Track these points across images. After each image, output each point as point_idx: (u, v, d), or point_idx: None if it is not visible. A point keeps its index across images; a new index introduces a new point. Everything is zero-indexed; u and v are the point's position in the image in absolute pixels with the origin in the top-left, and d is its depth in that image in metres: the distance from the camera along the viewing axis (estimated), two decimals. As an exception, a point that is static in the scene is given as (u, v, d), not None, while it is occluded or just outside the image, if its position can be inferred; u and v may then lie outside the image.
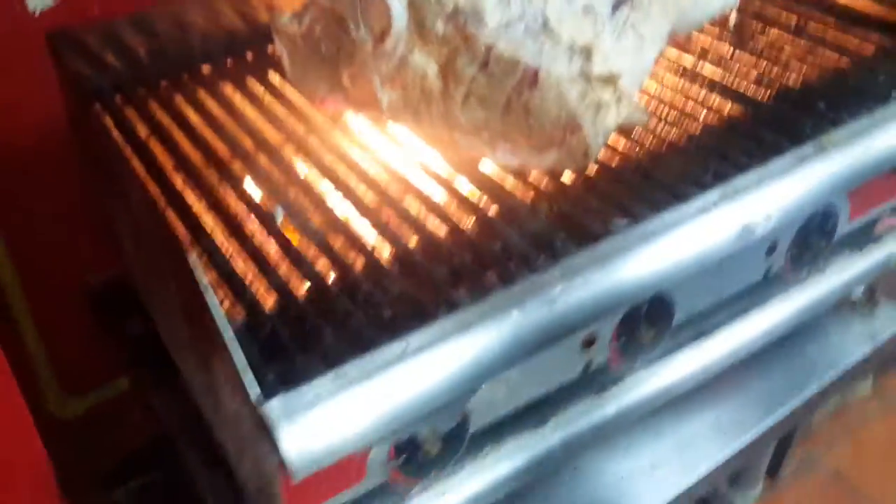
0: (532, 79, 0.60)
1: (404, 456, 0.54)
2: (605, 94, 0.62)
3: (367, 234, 0.57)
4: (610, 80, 0.62)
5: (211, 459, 0.66)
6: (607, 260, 0.54)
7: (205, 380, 0.57)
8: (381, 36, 0.62)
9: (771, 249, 0.68)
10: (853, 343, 0.83)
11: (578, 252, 0.54)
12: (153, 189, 0.62)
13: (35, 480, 0.69)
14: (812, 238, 0.71)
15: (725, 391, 0.76)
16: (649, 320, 0.63)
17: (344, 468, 0.51)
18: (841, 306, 0.87)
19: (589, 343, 0.60)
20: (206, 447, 0.67)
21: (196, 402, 0.66)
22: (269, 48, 0.77)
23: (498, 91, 0.61)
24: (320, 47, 0.68)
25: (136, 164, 0.64)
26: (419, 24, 0.61)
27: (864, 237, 0.77)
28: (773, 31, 0.83)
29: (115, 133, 0.68)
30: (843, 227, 0.74)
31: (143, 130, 0.69)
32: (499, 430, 0.59)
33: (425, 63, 0.63)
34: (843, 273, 0.77)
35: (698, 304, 0.66)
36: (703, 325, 0.68)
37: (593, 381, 0.63)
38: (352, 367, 0.46)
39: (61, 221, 0.95)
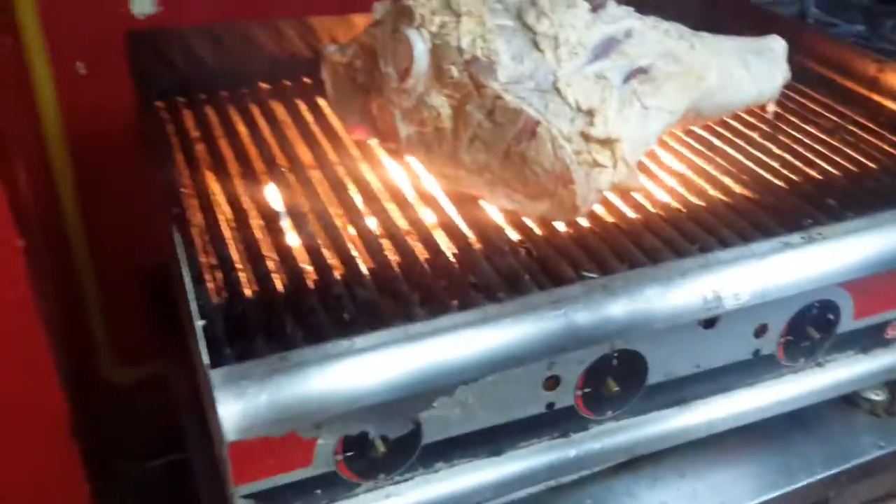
0: (531, 130, 0.64)
1: (352, 452, 0.57)
2: (602, 155, 0.65)
3: (357, 246, 0.62)
4: (608, 143, 0.65)
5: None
6: (566, 304, 0.56)
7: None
8: (405, 74, 0.68)
9: (760, 331, 0.69)
10: (856, 445, 0.81)
11: (541, 292, 0.57)
12: (186, 179, 0.69)
13: (52, 433, 0.75)
14: (808, 329, 0.71)
15: (709, 463, 0.75)
16: (619, 375, 0.64)
17: (291, 449, 0.54)
18: (857, 404, 0.85)
19: (552, 384, 0.62)
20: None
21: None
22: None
23: (500, 138, 0.65)
24: (357, 78, 0.75)
25: (178, 157, 0.72)
26: (438, 68, 0.67)
27: (871, 339, 0.76)
28: (809, 128, 0.84)
29: (169, 128, 0.76)
30: (847, 324, 0.73)
31: (192, 129, 0.77)
32: (452, 450, 0.61)
33: (441, 104, 0.68)
34: (844, 371, 0.75)
35: (676, 369, 0.67)
36: (683, 391, 0.69)
37: (558, 423, 0.65)
38: (296, 354, 0.50)
39: (127, 207, 1.05)
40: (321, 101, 0.83)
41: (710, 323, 0.65)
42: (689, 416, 0.68)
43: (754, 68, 0.80)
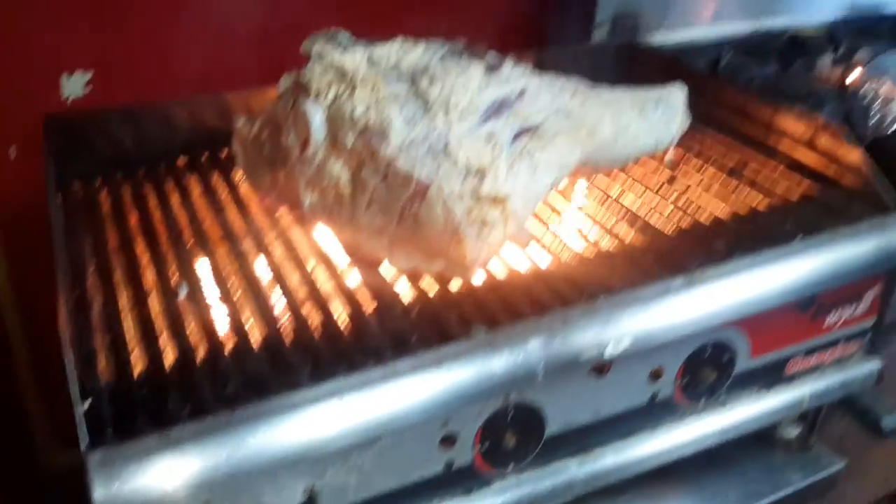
0: (423, 192, 0.67)
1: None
2: (493, 212, 0.68)
3: (250, 315, 0.64)
4: (498, 200, 0.68)
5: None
6: (450, 361, 0.58)
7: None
8: (304, 145, 0.71)
9: (655, 375, 0.71)
10: (773, 481, 0.82)
11: (427, 351, 0.59)
12: (90, 258, 0.71)
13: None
14: (705, 370, 0.73)
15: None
16: (517, 428, 0.66)
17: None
18: (772, 441, 0.87)
19: (449, 443, 0.63)
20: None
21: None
22: (235, 147, 0.87)
23: (394, 201, 0.68)
24: (265, 149, 0.78)
25: (86, 237, 0.74)
26: (334, 137, 0.70)
27: (772, 376, 0.78)
28: (709, 170, 0.87)
29: (81, 208, 0.78)
30: (745, 363, 0.75)
31: (105, 209, 0.79)
32: (353, 516, 0.62)
33: (339, 171, 0.71)
34: (748, 409, 0.77)
35: (574, 418, 0.68)
36: (584, 440, 0.70)
37: (459, 481, 0.66)
38: (175, 431, 0.51)
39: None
40: (236, 173, 0.86)
41: (601, 370, 0.67)
42: (593, 464, 0.70)
43: (651, 118, 0.84)
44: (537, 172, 0.70)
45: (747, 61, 1.21)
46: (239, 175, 0.85)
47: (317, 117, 0.70)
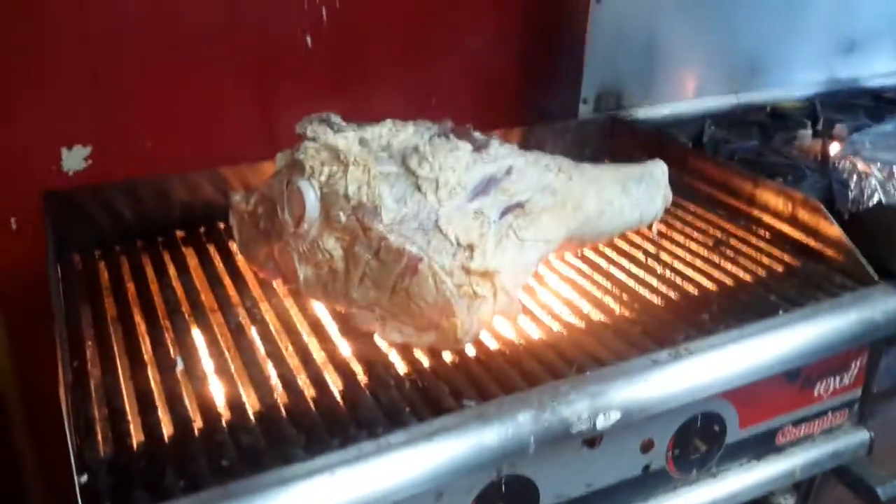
0: (414, 267, 0.69)
1: None
2: (482, 287, 0.69)
3: (247, 389, 0.65)
4: (487, 275, 0.70)
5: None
6: (441, 435, 0.59)
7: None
8: (299, 221, 0.73)
9: (647, 446, 0.71)
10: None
11: (419, 424, 0.60)
12: (89, 331, 0.72)
13: None
14: (695, 441, 0.73)
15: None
16: (510, 500, 0.66)
17: None
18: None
19: (443, 515, 0.64)
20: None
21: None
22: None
23: (386, 275, 0.70)
24: (260, 223, 0.80)
25: (85, 309, 0.75)
26: (328, 214, 0.72)
27: (762, 447, 0.79)
28: (691, 244, 0.90)
29: (80, 281, 0.79)
30: (734, 434, 0.76)
31: (104, 281, 0.80)
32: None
33: (333, 246, 0.72)
34: (739, 480, 0.77)
35: (566, 490, 0.69)
36: (578, 513, 0.70)
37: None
38: (172, 506, 0.52)
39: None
40: (232, 245, 0.87)
41: (592, 442, 0.67)
42: (587, 536, 0.70)
43: (634, 194, 0.87)
44: (524, 248, 0.73)
45: (729, 134, 1.25)
46: (235, 248, 0.87)
47: (311, 195, 0.72)
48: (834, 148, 1.18)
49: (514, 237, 0.72)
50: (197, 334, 0.72)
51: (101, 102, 1.00)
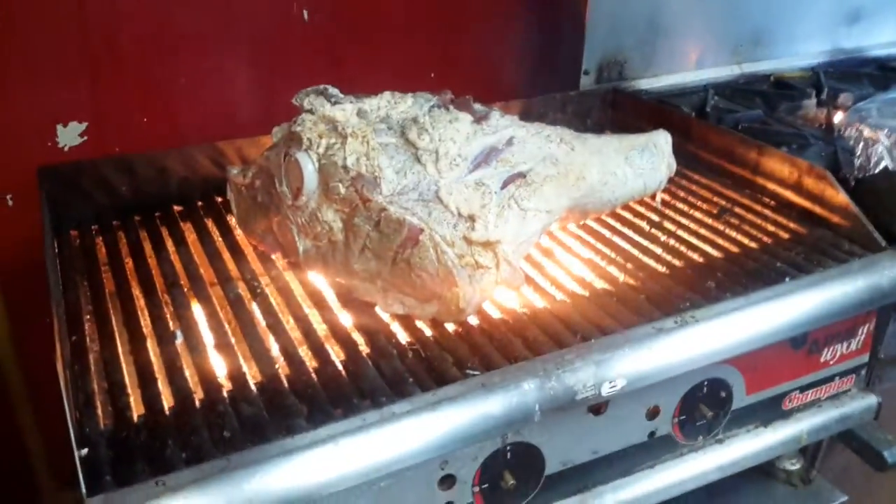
0: (415, 238, 0.68)
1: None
2: (484, 257, 0.68)
3: (248, 361, 0.64)
4: (489, 245, 0.69)
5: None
6: (446, 404, 0.58)
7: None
8: (297, 193, 0.72)
9: (653, 413, 0.71)
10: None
11: (423, 394, 0.59)
12: (87, 306, 0.71)
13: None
14: (701, 408, 0.73)
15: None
16: (516, 467, 0.65)
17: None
18: (773, 475, 0.86)
19: (449, 484, 0.63)
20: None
21: None
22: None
23: (387, 247, 0.69)
24: (258, 197, 0.79)
25: (83, 285, 0.74)
26: (326, 186, 0.71)
27: (769, 412, 0.78)
28: (696, 213, 0.89)
29: (78, 256, 0.79)
30: (741, 400, 0.75)
31: (102, 257, 0.79)
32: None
33: (332, 218, 0.72)
34: (746, 446, 0.77)
35: (573, 457, 0.68)
36: (583, 478, 0.70)
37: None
38: (173, 478, 0.51)
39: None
40: (231, 220, 0.86)
41: (597, 409, 0.67)
42: (593, 502, 0.69)
43: (637, 163, 0.86)
44: (527, 217, 0.72)
45: (732, 104, 1.23)
46: (233, 222, 0.86)
47: (309, 166, 0.71)
48: (838, 117, 1.16)
49: (517, 207, 0.71)
50: (196, 308, 0.71)
51: (96, 78, 0.98)
